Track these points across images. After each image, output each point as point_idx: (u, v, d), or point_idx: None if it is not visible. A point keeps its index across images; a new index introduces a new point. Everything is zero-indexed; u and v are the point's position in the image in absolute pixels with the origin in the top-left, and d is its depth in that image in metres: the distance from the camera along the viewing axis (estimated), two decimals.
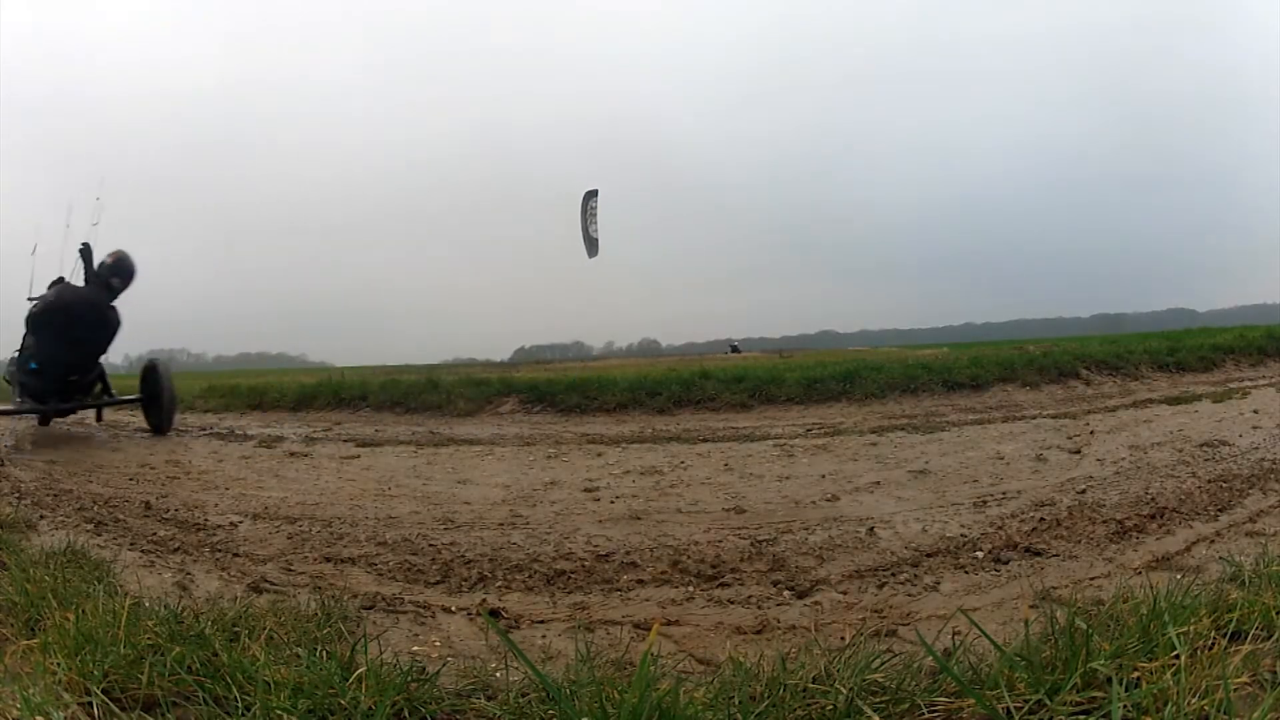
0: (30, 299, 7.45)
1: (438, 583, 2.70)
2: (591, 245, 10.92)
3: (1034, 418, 5.75)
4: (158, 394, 7.37)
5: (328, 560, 2.98)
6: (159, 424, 7.37)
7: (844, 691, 1.35)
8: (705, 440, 5.55)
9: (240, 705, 1.38)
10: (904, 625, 2.15)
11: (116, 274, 7.04)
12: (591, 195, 10.92)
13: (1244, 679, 1.30)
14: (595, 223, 10.84)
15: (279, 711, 1.34)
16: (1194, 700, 1.20)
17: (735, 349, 30.76)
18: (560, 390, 7.47)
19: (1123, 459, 4.13)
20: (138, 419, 8.18)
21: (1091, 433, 4.98)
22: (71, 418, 7.96)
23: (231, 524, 3.61)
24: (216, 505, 4.04)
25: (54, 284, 7.37)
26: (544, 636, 2.19)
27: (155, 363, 7.62)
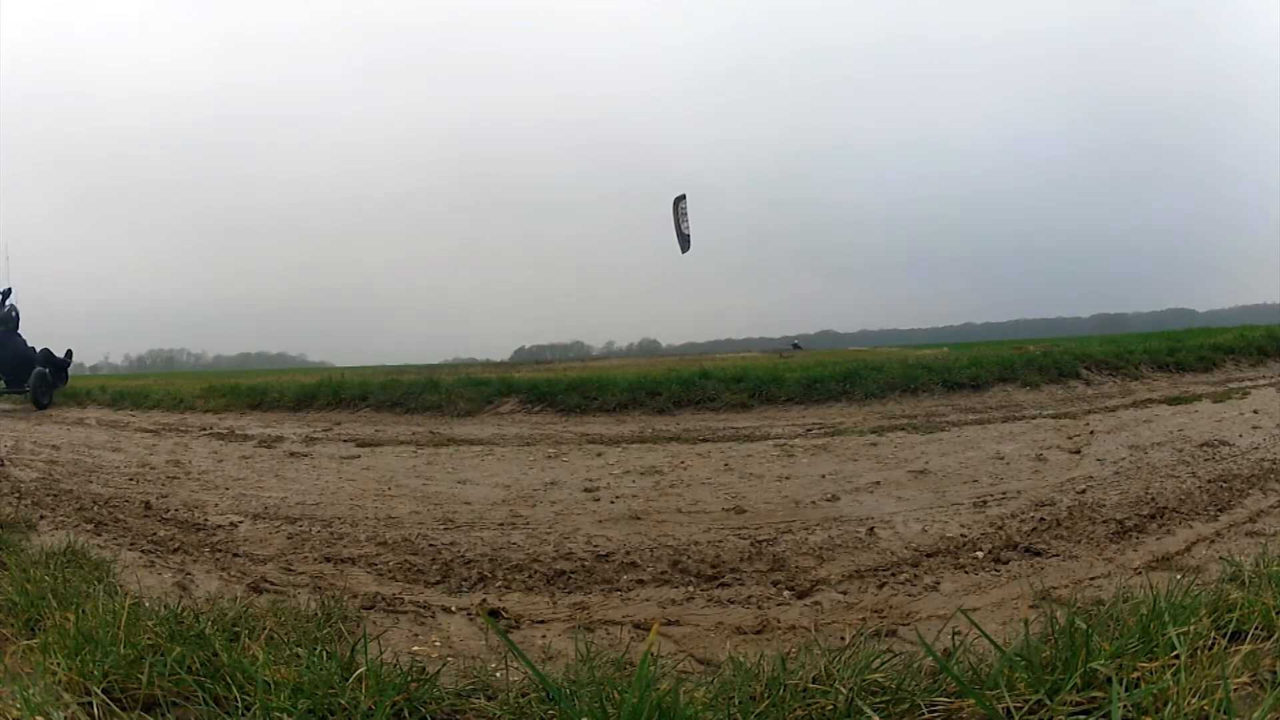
0: None
1: (438, 583, 2.70)
2: (684, 241, 11.46)
3: (1034, 418, 5.75)
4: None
5: (328, 560, 2.98)
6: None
7: (844, 691, 1.35)
8: (705, 440, 5.55)
9: (240, 705, 1.38)
10: (904, 625, 2.15)
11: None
12: (681, 199, 11.45)
13: (1244, 679, 1.30)
14: (687, 220, 11.40)
15: (279, 711, 1.34)
16: (1194, 700, 1.20)
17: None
18: (560, 390, 7.47)
19: (1123, 459, 4.13)
20: (137, 419, 8.20)
21: (1091, 433, 4.97)
22: (74, 415, 8.11)
23: (231, 524, 3.62)
24: (216, 505, 4.04)
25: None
26: (544, 636, 2.19)
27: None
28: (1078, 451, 4.40)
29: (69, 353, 11.96)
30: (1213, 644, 1.40)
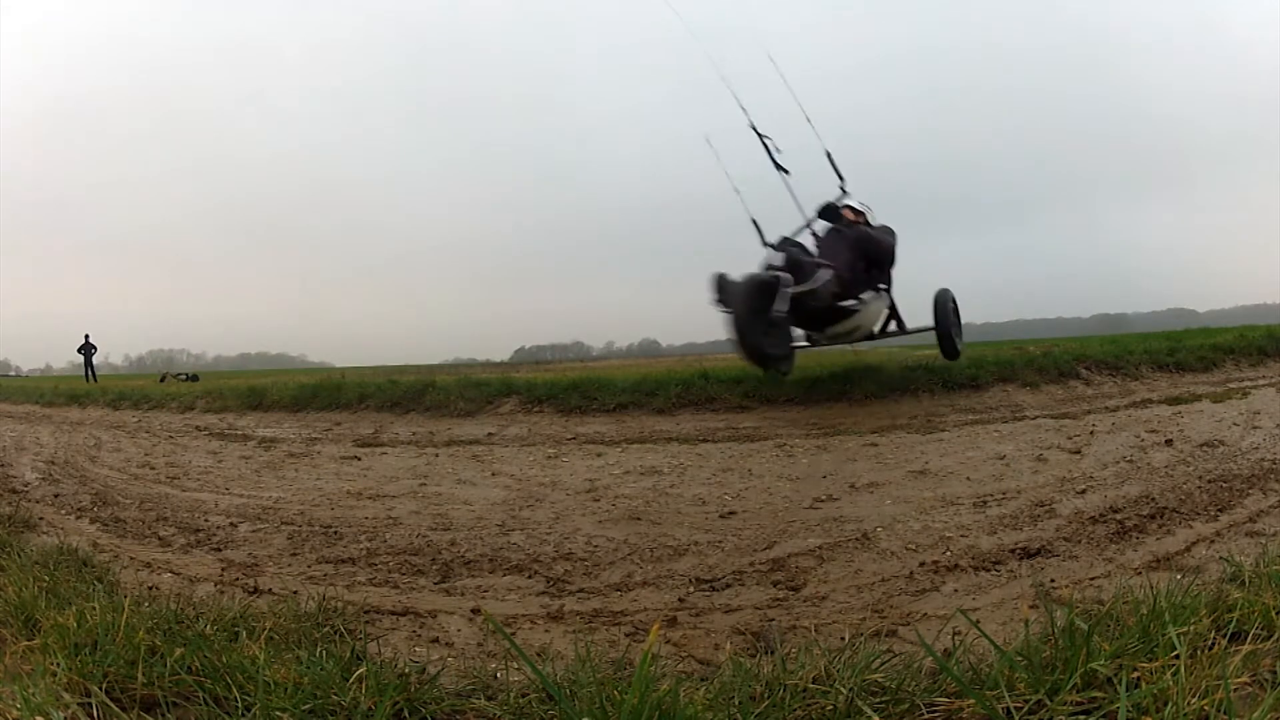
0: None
1: (438, 583, 2.70)
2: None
3: (1034, 418, 5.75)
4: None
5: (327, 561, 2.98)
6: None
7: (844, 691, 1.35)
8: (705, 441, 5.55)
9: (240, 705, 1.38)
10: (904, 625, 2.15)
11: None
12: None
13: (1244, 679, 1.30)
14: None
15: (279, 711, 1.34)
16: (1194, 700, 1.20)
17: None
18: (560, 391, 7.45)
19: (1122, 459, 4.13)
20: (136, 419, 8.20)
21: (1091, 433, 4.97)
22: (89, 416, 8.08)
23: (231, 524, 3.62)
24: (216, 505, 4.04)
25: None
26: (544, 636, 2.20)
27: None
28: (1078, 451, 4.39)
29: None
30: (1213, 644, 1.40)
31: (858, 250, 6.41)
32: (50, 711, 1.34)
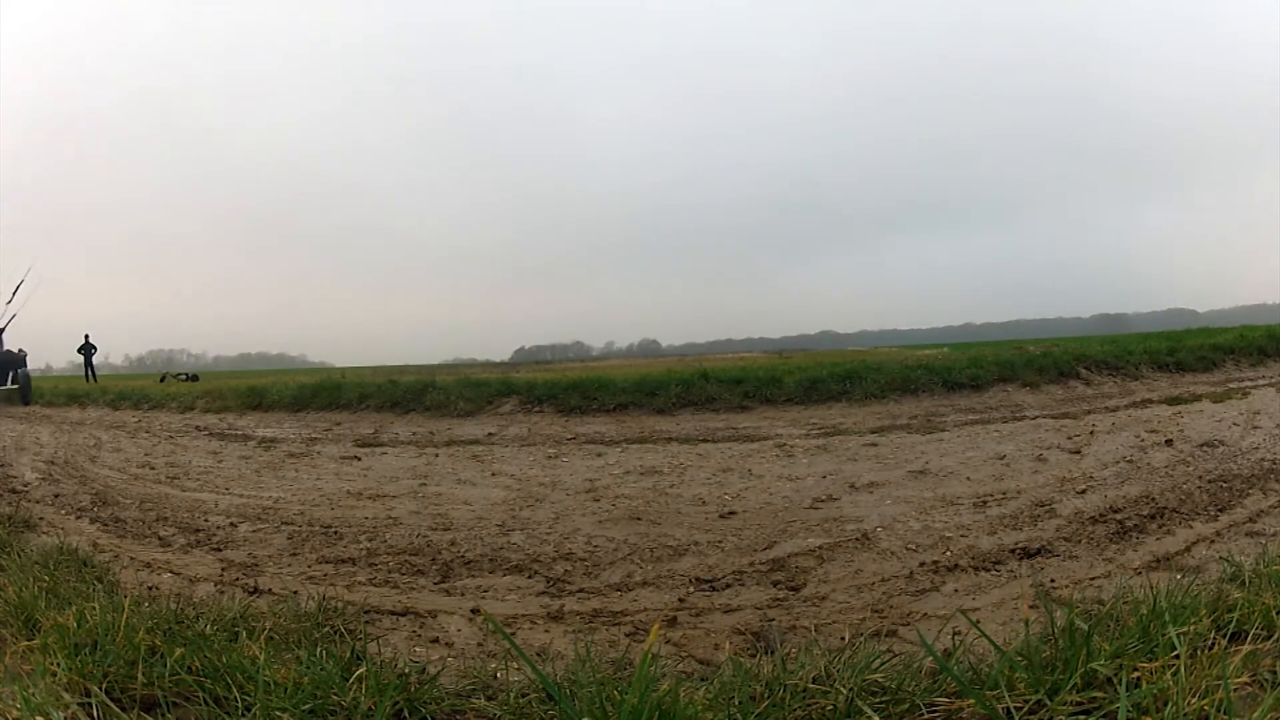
0: None
1: (438, 583, 2.70)
2: None
3: (1034, 418, 5.75)
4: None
5: (327, 561, 2.98)
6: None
7: (844, 691, 1.35)
8: (705, 441, 5.55)
9: (240, 705, 1.38)
10: (904, 625, 2.15)
11: None
12: None
13: (1244, 679, 1.30)
14: None
15: (279, 711, 1.34)
16: (1194, 700, 1.20)
17: None
18: (560, 391, 7.45)
19: (1122, 459, 4.13)
20: (137, 419, 8.21)
21: (1091, 433, 4.97)
22: (89, 416, 8.16)
23: (231, 524, 3.62)
24: (216, 505, 4.04)
25: None
26: (544, 636, 2.20)
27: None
28: (1078, 452, 4.40)
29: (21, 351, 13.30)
30: (1213, 644, 1.40)
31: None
32: (50, 711, 1.34)
